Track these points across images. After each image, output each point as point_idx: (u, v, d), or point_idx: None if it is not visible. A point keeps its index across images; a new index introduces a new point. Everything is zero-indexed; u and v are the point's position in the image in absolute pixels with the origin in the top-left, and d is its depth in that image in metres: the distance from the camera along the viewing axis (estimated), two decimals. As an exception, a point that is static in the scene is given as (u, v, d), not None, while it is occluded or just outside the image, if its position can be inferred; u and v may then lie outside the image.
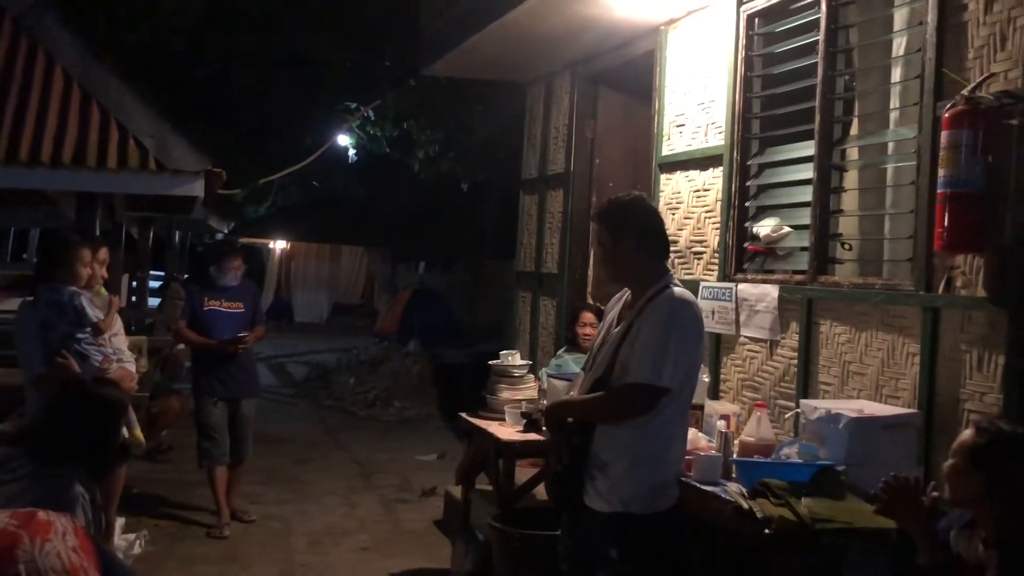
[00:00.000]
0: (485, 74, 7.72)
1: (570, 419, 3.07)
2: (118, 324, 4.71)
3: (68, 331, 4.38)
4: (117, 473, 4.60)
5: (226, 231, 14.34)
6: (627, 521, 2.92)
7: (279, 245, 21.31)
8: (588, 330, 5.45)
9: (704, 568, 3.29)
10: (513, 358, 5.21)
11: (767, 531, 2.93)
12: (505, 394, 5.00)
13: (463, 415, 5.17)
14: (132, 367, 4.64)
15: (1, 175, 4.95)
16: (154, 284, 12.23)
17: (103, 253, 4.65)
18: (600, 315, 4.23)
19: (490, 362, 5.29)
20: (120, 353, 4.60)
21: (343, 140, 16.04)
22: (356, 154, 18.26)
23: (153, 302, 11.16)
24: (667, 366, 2.86)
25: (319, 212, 19.33)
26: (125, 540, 5.09)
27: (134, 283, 10.77)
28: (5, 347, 6.36)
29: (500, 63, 6.92)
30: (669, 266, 3.19)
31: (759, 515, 2.98)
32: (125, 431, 4.21)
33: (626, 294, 3.16)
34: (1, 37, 5.45)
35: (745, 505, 3.06)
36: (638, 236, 3.03)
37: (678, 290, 3.01)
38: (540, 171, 7.19)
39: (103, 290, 4.67)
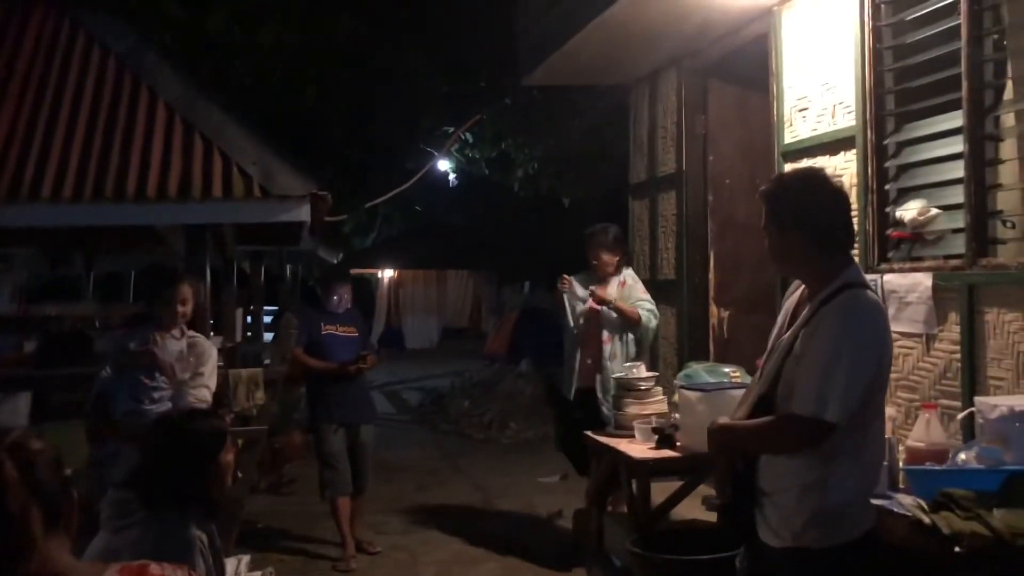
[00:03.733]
0: (586, 79, 7.47)
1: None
2: (205, 365, 4.33)
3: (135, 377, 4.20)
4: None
5: (335, 262, 14.50)
6: (802, 557, 2.42)
7: (387, 274, 21.58)
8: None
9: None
10: (638, 370, 4.91)
11: (957, 549, 2.55)
12: (633, 409, 4.70)
13: (588, 434, 4.89)
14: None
15: (111, 212, 4.96)
16: (267, 319, 12.40)
17: (184, 291, 4.27)
18: None
19: (613, 376, 5.00)
20: (196, 393, 4.25)
21: (443, 165, 16.10)
22: (456, 178, 18.34)
23: (268, 336, 11.30)
24: (834, 394, 2.32)
25: (423, 239, 19.54)
26: (252, 577, 4.99)
27: (248, 318, 10.91)
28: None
29: (602, 64, 6.67)
30: (852, 258, 2.60)
31: (945, 531, 2.60)
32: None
33: (802, 286, 2.65)
34: (106, 75, 5.52)
35: (927, 520, 2.68)
36: (806, 225, 2.48)
37: (855, 292, 2.45)
38: (649, 174, 6.88)
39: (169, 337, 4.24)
